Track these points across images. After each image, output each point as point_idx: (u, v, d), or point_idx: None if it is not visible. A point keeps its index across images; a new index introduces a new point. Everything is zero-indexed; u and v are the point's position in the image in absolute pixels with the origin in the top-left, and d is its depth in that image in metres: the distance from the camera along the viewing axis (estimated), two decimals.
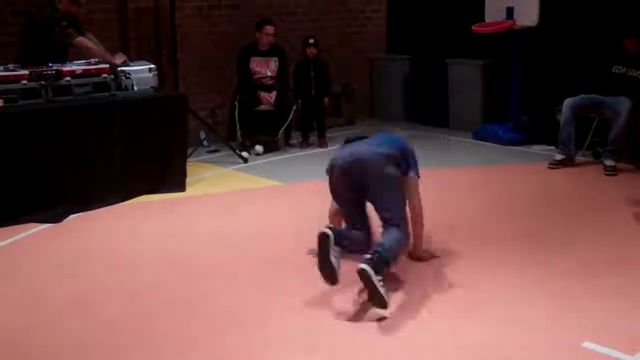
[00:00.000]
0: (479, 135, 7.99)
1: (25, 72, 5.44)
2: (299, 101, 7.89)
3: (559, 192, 6.12)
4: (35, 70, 5.48)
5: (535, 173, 6.61)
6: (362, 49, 9.49)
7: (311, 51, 7.93)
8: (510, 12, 7.44)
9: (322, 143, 7.85)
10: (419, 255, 4.39)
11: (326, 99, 8.01)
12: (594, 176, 6.45)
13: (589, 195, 5.98)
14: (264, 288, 4.08)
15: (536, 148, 7.50)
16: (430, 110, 8.84)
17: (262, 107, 7.59)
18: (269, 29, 7.62)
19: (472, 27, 7.61)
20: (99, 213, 5.51)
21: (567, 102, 6.72)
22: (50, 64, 5.65)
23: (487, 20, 7.67)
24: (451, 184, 6.22)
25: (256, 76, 7.68)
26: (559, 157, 6.71)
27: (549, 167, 6.68)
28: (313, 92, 7.89)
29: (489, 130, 7.94)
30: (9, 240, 4.92)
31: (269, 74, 7.73)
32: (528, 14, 7.32)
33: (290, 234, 4.89)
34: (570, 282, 4.04)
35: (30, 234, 5.08)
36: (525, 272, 4.22)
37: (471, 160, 7.16)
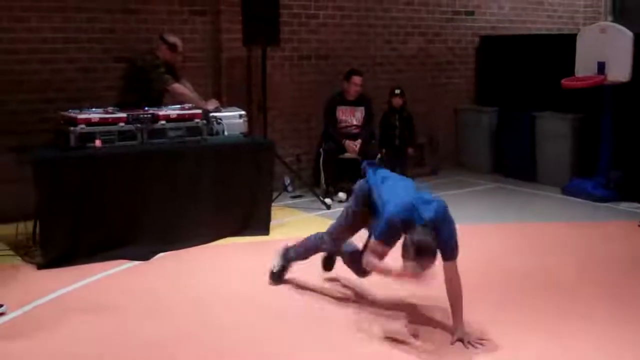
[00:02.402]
0: (569, 191, 7.83)
1: (123, 115, 5.68)
2: (384, 150, 7.94)
3: None
4: (133, 113, 5.72)
5: (624, 231, 6.43)
6: (449, 100, 9.51)
7: (397, 101, 8.01)
8: (601, 67, 7.34)
9: None
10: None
11: (410, 150, 8.04)
12: None
13: None
14: (345, 333, 4.10)
15: (625, 205, 7.29)
16: (517, 163, 8.73)
17: (347, 155, 7.68)
18: (357, 79, 7.75)
19: (562, 81, 7.53)
20: (186, 253, 5.66)
21: None
22: (146, 108, 5.90)
23: (577, 74, 7.58)
24: (535, 239, 6.12)
25: (342, 125, 7.79)
26: None
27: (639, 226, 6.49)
28: (397, 142, 7.95)
29: (578, 186, 7.77)
30: (99, 275, 5.11)
31: (354, 122, 7.83)
32: (620, 69, 7.21)
33: (368, 280, 4.87)
34: None
35: (120, 270, 5.26)
36: (610, 331, 4.11)
37: (557, 216, 7.01)
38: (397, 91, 8.04)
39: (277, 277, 4.91)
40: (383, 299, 4.59)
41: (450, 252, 3.89)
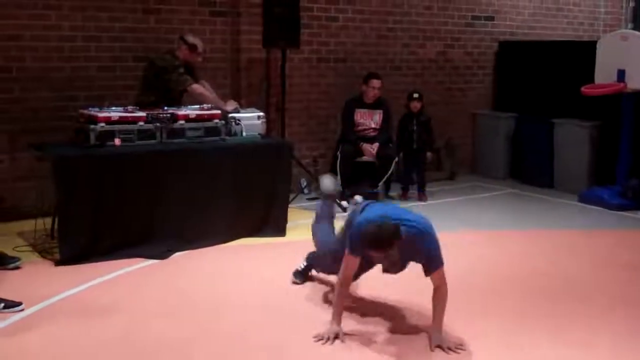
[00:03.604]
0: (586, 199, 7.78)
1: (143, 114, 5.71)
2: (401, 154, 7.94)
3: None
4: (152, 113, 5.75)
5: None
6: (466, 105, 9.50)
7: (415, 105, 8.00)
8: (621, 74, 7.30)
9: (421, 197, 7.85)
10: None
11: (429, 154, 8.02)
12: None
13: None
14: (358, 337, 4.09)
15: None
16: (534, 170, 8.70)
17: (364, 158, 7.68)
18: (376, 82, 7.75)
19: (582, 88, 7.49)
20: (202, 253, 5.67)
21: None
22: (166, 108, 5.93)
23: (597, 82, 7.54)
24: (552, 246, 6.09)
25: (360, 128, 7.79)
26: None
27: None
28: (415, 146, 7.94)
29: (595, 194, 7.73)
30: (116, 273, 5.14)
31: (372, 125, 7.83)
32: None
33: (380, 282, 4.86)
34: None
35: (136, 268, 5.29)
36: (627, 339, 4.10)
37: (572, 224, 6.97)
38: (415, 95, 8.02)
39: (300, 275, 5.04)
40: (393, 301, 4.59)
41: (436, 261, 3.91)
